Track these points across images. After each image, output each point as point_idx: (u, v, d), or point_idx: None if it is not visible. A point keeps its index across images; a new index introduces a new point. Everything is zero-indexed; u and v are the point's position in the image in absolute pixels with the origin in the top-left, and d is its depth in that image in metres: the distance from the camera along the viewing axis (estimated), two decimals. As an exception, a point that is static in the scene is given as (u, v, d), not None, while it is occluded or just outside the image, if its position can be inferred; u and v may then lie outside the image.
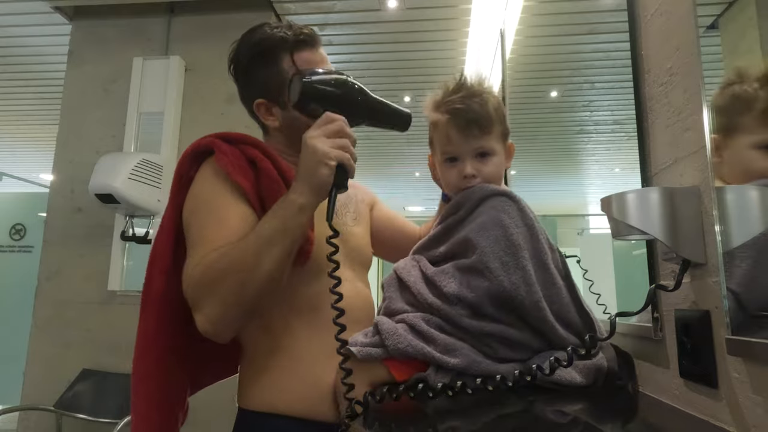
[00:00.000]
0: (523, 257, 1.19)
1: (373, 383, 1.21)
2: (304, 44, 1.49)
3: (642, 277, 1.27)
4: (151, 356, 1.39)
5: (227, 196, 1.35)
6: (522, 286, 1.17)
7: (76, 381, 3.78)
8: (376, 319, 1.28)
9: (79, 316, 3.93)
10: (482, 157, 1.37)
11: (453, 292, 1.21)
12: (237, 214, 1.33)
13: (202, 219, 1.35)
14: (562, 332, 1.20)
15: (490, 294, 1.18)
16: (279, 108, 1.51)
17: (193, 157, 1.44)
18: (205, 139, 1.44)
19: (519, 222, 1.24)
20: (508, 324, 1.19)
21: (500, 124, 1.39)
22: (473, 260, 1.22)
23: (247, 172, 1.37)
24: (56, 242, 4.07)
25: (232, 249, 1.24)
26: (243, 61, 1.52)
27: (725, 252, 0.93)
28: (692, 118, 1.04)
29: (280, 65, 1.48)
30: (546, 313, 1.18)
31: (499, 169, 1.40)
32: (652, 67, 1.23)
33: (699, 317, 1.00)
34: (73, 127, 4.21)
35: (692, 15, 1.04)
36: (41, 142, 7.95)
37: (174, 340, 1.40)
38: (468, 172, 1.36)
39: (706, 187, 0.99)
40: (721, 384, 0.95)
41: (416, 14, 4.31)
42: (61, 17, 4.38)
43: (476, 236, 1.24)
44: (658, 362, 1.18)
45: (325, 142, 1.24)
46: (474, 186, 1.35)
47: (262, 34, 1.50)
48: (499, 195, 1.29)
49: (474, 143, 1.36)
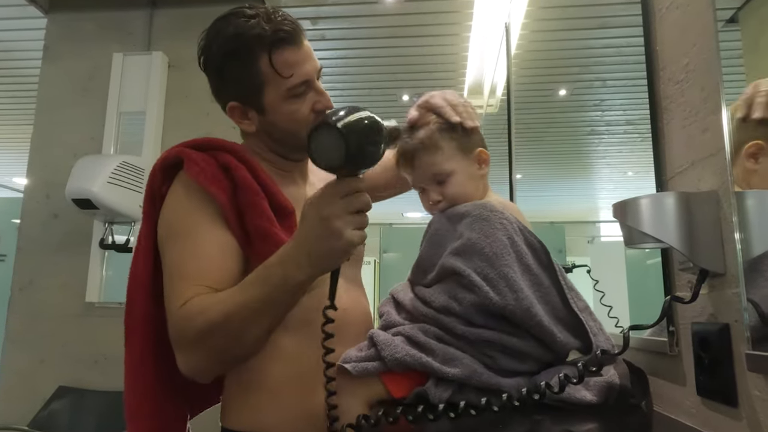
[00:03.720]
0: (503, 265, 1.22)
1: (369, 402, 1.21)
2: (283, 42, 1.38)
3: (656, 288, 1.27)
4: (140, 387, 1.40)
5: (202, 219, 1.35)
6: (509, 294, 1.20)
7: (52, 399, 3.75)
8: (370, 332, 1.30)
9: (55, 330, 3.91)
10: (441, 182, 1.44)
11: (441, 304, 1.25)
12: (214, 244, 1.34)
13: (179, 248, 1.35)
14: (561, 337, 1.21)
15: (476, 305, 1.21)
16: (255, 112, 1.45)
17: (163, 171, 1.44)
18: (173, 150, 1.43)
19: (489, 232, 1.27)
20: (507, 333, 1.20)
21: (450, 140, 1.43)
22: (457, 279, 1.25)
23: (221, 180, 1.37)
24: (30, 250, 4.05)
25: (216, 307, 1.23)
26: (215, 57, 1.44)
27: (746, 261, 0.93)
28: (710, 118, 1.04)
29: (256, 66, 1.39)
30: (540, 318, 1.20)
31: (462, 186, 1.44)
32: (668, 64, 1.23)
33: (717, 331, 1.00)
34: (49, 127, 4.20)
35: (710, 8, 1.05)
36: (14, 143, 7.94)
37: (164, 366, 1.39)
38: (433, 198, 1.45)
39: (725, 191, 0.99)
40: (741, 402, 0.95)
41: (415, 7, 4.32)
42: (35, 10, 4.37)
43: (453, 261, 1.27)
44: (673, 379, 1.18)
45: (349, 223, 1.14)
46: (443, 210, 1.44)
47: (236, 28, 1.39)
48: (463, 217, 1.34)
49: (426, 172, 1.44)
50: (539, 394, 1.09)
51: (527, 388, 1.11)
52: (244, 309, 1.22)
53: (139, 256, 1.44)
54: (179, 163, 1.41)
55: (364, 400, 1.22)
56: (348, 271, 1.50)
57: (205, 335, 1.23)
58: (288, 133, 1.44)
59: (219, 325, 1.22)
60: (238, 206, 1.36)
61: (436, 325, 1.25)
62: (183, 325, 1.25)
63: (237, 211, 1.36)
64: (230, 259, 1.35)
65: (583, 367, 1.09)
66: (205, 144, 1.44)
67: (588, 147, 4.99)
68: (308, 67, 1.42)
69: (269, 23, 1.38)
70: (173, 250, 1.35)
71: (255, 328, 1.25)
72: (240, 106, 1.46)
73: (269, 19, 1.39)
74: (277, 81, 1.39)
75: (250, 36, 1.38)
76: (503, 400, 1.10)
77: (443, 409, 1.10)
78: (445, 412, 1.10)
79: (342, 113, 1.08)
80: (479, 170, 1.47)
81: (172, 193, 1.41)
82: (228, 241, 1.35)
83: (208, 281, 1.29)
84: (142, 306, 1.40)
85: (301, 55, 1.41)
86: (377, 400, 1.22)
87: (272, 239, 1.33)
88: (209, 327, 1.22)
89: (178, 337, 1.27)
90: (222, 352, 1.27)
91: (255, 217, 1.35)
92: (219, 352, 1.27)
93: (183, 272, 1.31)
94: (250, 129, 1.48)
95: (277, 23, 1.39)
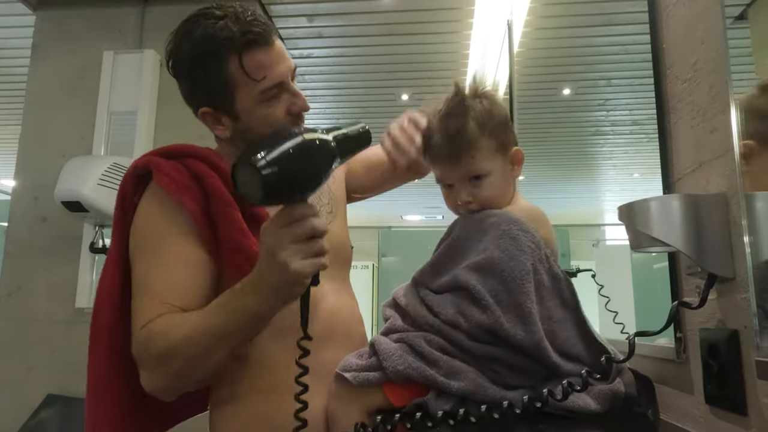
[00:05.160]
0: (521, 293, 1.20)
1: (367, 410, 1.20)
2: (254, 44, 1.35)
3: (663, 293, 1.27)
4: (105, 399, 1.39)
5: (172, 232, 1.35)
6: (519, 324, 1.18)
7: (41, 407, 3.74)
8: (372, 338, 1.29)
9: (44, 336, 3.90)
10: (476, 180, 1.37)
11: (448, 318, 1.23)
12: (182, 259, 1.34)
13: (147, 262, 1.35)
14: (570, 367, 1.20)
15: (484, 327, 1.19)
16: (228, 117, 1.42)
17: (134, 180, 1.44)
18: (143, 159, 1.43)
19: (514, 254, 1.23)
20: (515, 352, 1.19)
21: (491, 137, 1.37)
22: (469, 295, 1.23)
23: (192, 190, 1.36)
24: (18, 254, 4.04)
25: (178, 330, 1.24)
26: (183, 61, 1.41)
27: (755, 265, 0.93)
28: (719, 118, 1.04)
29: (227, 70, 1.36)
30: (548, 353, 1.18)
31: (496, 189, 1.39)
32: (675, 62, 1.23)
33: (726, 337, 1.00)
34: (37, 127, 4.19)
35: (719, 4, 1.05)
36: (1, 144, 7.93)
37: (130, 377, 1.36)
38: (463, 199, 1.38)
39: (734, 193, 0.99)
40: (750, 411, 0.95)
41: (414, 3, 4.31)
42: (23, 7, 4.36)
43: (468, 277, 1.24)
44: (681, 387, 1.18)
45: (296, 252, 1.10)
46: (472, 212, 1.38)
47: (204, 31, 1.36)
48: (491, 228, 1.29)
49: (462, 169, 1.37)
50: (542, 402, 1.09)
51: (529, 396, 1.10)
52: (206, 335, 1.22)
53: (107, 267, 1.44)
54: (150, 173, 1.40)
55: (363, 409, 1.22)
56: (335, 274, 1.49)
57: (165, 358, 1.24)
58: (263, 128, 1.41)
59: (180, 349, 1.22)
60: (210, 216, 1.36)
61: (440, 335, 1.23)
62: (145, 344, 1.26)
63: (209, 222, 1.35)
64: (199, 276, 1.34)
65: (586, 374, 1.08)
66: (178, 151, 1.44)
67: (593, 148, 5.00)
68: (281, 68, 1.39)
69: (238, 24, 1.35)
70: (141, 264, 1.36)
71: (216, 354, 1.25)
72: (212, 111, 1.43)
73: (238, 20, 1.36)
74: (249, 84, 1.36)
75: (218, 39, 1.34)
76: (504, 407, 1.10)
77: (442, 416, 1.10)
78: (444, 420, 1.10)
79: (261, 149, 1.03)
80: (513, 171, 1.42)
81: (143, 204, 1.41)
82: (197, 256, 1.34)
83: (173, 299, 1.29)
84: (107, 317, 1.41)
85: (273, 56, 1.38)
86: (375, 409, 1.21)
87: (244, 251, 1.32)
88: (170, 350, 1.23)
89: (139, 355, 1.28)
90: (182, 374, 1.27)
91: (226, 228, 1.34)
92: (179, 375, 1.27)
93: (149, 288, 1.31)
94: (225, 135, 1.45)
95: (247, 24, 1.36)
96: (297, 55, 4.96)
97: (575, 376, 1.16)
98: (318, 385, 1.19)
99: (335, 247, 1.52)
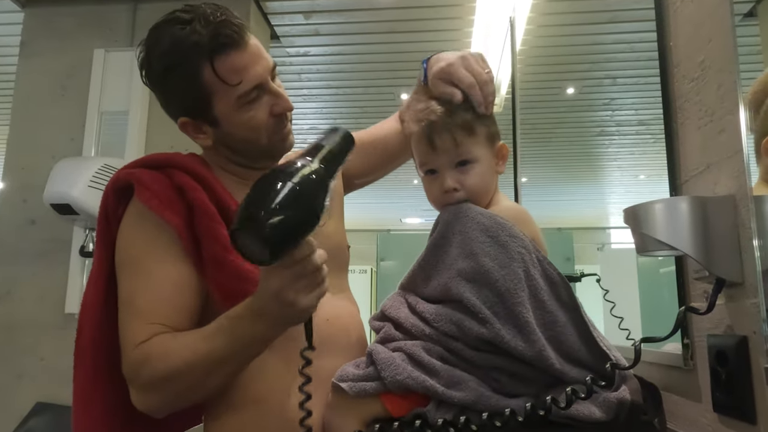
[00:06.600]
0: (515, 303, 1.19)
1: (365, 420, 1.20)
2: (225, 47, 1.30)
3: (670, 299, 1.27)
4: (93, 414, 1.38)
5: (156, 249, 1.33)
6: (519, 336, 1.17)
7: (30, 416, 3.74)
8: (370, 347, 1.28)
9: (33, 343, 3.90)
10: (463, 167, 1.36)
11: (446, 331, 1.22)
12: (167, 277, 1.32)
13: (132, 280, 1.34)
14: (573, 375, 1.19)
15: (482, 340, 1.19)
16: (208, 125, 1.40)
17: (116, 193, 1.42)
18: (123, 171, 1.41)
19: (504, 263, 1.22)
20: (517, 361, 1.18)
21: (482, 124, 1.38)
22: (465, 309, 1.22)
23: (175, 204, 1.34)
24: (6, 259, 4.04)
25: (178, 354, 1.22)
26: (155, 72, 1.38)
27: (765, 270, 0.93)
28: (727, 118, 1.04)
29: (200, 78, 1.32)
30: (552, 362, 1.17)
31: (483, 178, 1.38)
32: (682, 61, 1.23)
33: (735, 344, 1.00)
34: (26, 127, 4.19)
35: (727, 1, 1.05)
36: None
37: (117, 393, 1.35)
38: (448, 185, 1.35)
39: (742, 196, 0.99)
40: (759, 419, 0.95)
41: (414, 0, 4.32)
42: (11, 3, 4.36)
43: (462, 290, 1.23)
44: (688, 395, 1.18)
45: (302, 289, 1.10)
46: (456, 203, 1.35)
47: (172, 38, 1.33)
48: (478, 230, 1.27)
49: (449, 154, 1.35)
50: (545, 410, 1.09)
51: (532, 404, 1.10)
52: (207, 359, 1.21)
53: (91, 280, 1.43)
54: (132, 185, 1.38)
55: (360, 419, 1.21)
56: (333, 280, 1.47)
57: (164, 381, 1.23)
58: (247, 142, 1.41)
59: (181, 373, 1.22)
60: (194, 231, 1.34)
61: (439, 344, 1.23)
62: (140, 366, 1.25)
63: (194, 236, 1.34)
64: (185, 294, 1.33)
65: (591, 381, 1.08)
66: (162, 161, 1.42)
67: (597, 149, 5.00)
68: (258, 69, 1.36)
69: (207, 27, 1.31)
70: (127, 281, 1.35)
71: (217, 377, 1.25)
72: (191, 121, 1.41)
73: (207, 22, 1.31)
74: (225, 90, 1.33)
75: (186, 46, 1.31)
76: (506, 415, 1.10)
77: (442, 424, 1.10)
78: (445, 428, 1.09)
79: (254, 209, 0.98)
80: (497, 166, 1.42)
81: (126, 220, 1.39)
82: (182, 274, 1.33)
83: (161, 318, 1.28)
84: (90, 334, 1.39)
85: (248, 58, 1.34)
86: (373, 419, 1.21)
87: (227, 267, 1.31)
88: (170, 375, 1.22)
89: (134, 376, 1.27)
90: (180, 396, 1.27)
91: (210, 243, 1.32)
92: (177, 397, 1.27)
93: (136, 307, 1.30)
94: (207, 143, 1.44)
95: (217, 26, 1.31)
96: (293, 53, 4.97)
97: (581, 383, 1.16)
98: (315, 393, 1.19)
99: (332, 251, 1.46)
